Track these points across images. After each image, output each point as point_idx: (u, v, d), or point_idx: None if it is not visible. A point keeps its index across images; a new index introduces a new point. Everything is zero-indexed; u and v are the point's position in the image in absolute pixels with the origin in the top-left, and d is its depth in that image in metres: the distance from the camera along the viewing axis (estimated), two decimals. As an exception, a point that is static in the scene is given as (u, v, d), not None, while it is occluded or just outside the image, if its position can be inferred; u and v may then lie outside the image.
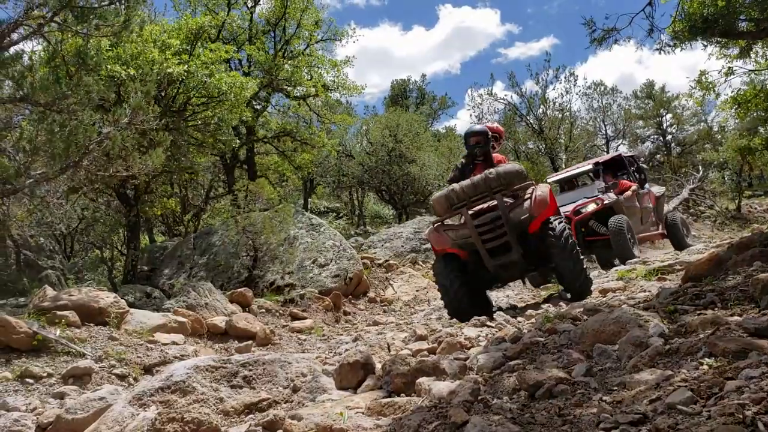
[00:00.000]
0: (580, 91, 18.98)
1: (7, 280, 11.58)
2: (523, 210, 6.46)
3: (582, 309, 4.00)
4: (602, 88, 20.65)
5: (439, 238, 6.99)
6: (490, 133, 7.37)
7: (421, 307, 10.54)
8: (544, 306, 6.06)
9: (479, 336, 4.64)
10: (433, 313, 8.85)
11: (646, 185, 12.42)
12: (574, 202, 11.12)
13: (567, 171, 13.27)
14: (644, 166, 13.19)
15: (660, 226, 12.45)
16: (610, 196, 10.73)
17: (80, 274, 13.51)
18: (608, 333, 3.00)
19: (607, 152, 21.24)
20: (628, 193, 11.33)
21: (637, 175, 12.32)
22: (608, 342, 2.95)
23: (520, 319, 5.30)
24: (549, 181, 12.67)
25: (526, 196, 6.56)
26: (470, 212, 6.57)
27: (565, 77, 18.89)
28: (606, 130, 20.37)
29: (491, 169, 6.52)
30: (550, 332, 3.56)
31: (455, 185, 6.69)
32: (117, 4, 6.94)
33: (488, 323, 5.28)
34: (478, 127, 7.45)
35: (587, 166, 12.48)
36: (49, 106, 6.57)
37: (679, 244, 12.11)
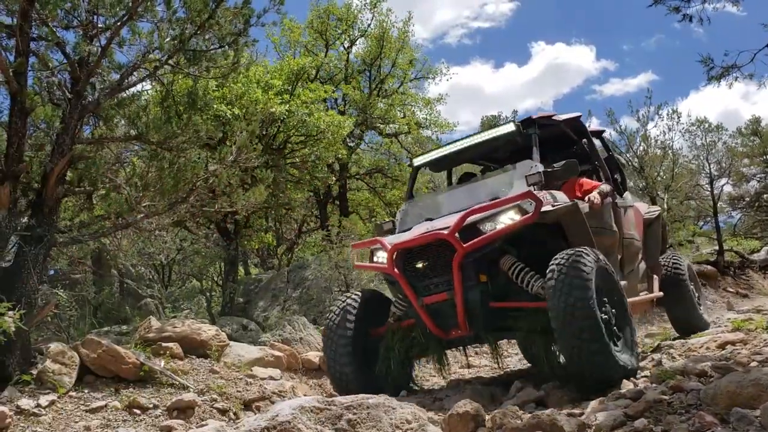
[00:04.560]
0: (683, 128, 18.14)
1: (111, 308, 12.10)
2: None
3: (710, 365, 3.73)
4: (706, 125, 19.76)
5: None
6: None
7: (514, 350, 10.21)
8: (655, 357, 5.70)
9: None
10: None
11: (627, 195, 6.58)
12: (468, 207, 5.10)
13: (467, 139, 6.19)
14: (622, 160, 7.05)
15: (655, 283, 6.60)
16: (557, 197, 5.02)
17: (177, 303, 13.99)
18: (746, 396, 2.76)
19: (712, 195, 19.61)
20: (596, 195, 5.42)
21: (608, 175, 6.28)
22: (746, 406, 2.71)
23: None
24: (420, 161, 6.51)
25: None
26: None
27: (667, 114, 18.21)
28: (710, 169, 19.39)
29: None
30: (674, 390, 3.32)
31: None
32: (226, 47, 7.22)
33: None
34: None
35: (507, 128, 5.82)
36: (160, 144, 6.88)
37: (687, 321, 6.78)
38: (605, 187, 5.64)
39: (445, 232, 4.81)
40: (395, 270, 5.00)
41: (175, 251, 14.50)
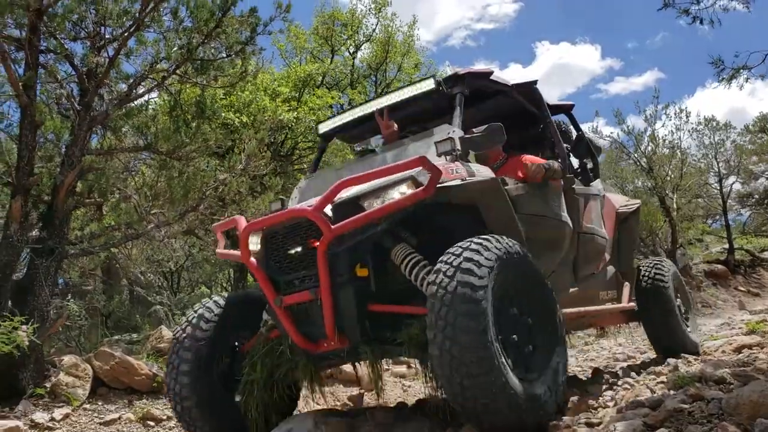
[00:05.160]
0: (691, 127, 18.00)
1: (121, 316, 12.12)
2: None
3: (729, 372, 3.67)
4: (714, 124, 19.63)
5: None
6: None
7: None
8: (671, 361, 5.63)
9: (605, 394, 4.37)
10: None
11: (597, 184, 5.12)
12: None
13: (381, 99, 4.71)
14: (599, 141, 6.04)
15: (625, 291, 5.32)
16: (475, 171, 3.69)
17: (186, 310, 14.00)
18: (770, 406, 2.72)
19: (721, 193, 19.47)
20: (535, 168, 4.22)
21: (564, 156, 4.70)
22: (771, 417, 2.67)
23: (651, 377, 4.96)
24: (327, 127, 4.95)
25: None
26: None
27: (675, 113, 18.09)
28: (719, 167, 19.28)
29: None
30: (694, 398, 3.26)
31: None
32: (234, 55, 7.22)
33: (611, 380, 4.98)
34: None
35: (426, 84, 4.31)
36: (169, 153, 6.89)
37: (667, 340, 5.34)
38: (553, 164, 4.35)
39: (309, 210, 3.44)
40: (250, 259, 3.67)
41: (184, 258, 14.55)
